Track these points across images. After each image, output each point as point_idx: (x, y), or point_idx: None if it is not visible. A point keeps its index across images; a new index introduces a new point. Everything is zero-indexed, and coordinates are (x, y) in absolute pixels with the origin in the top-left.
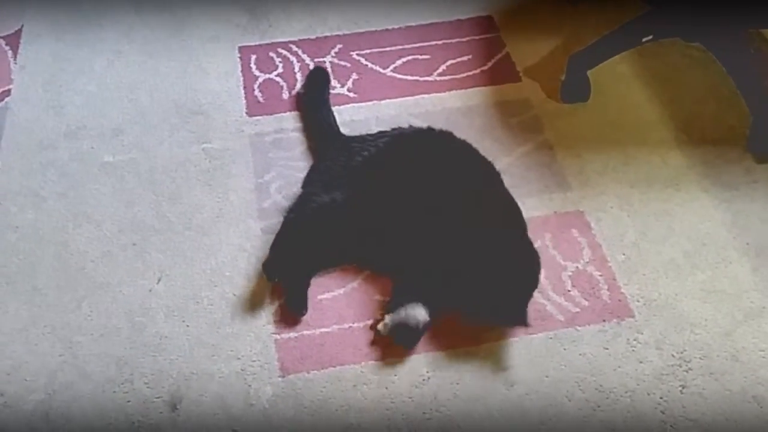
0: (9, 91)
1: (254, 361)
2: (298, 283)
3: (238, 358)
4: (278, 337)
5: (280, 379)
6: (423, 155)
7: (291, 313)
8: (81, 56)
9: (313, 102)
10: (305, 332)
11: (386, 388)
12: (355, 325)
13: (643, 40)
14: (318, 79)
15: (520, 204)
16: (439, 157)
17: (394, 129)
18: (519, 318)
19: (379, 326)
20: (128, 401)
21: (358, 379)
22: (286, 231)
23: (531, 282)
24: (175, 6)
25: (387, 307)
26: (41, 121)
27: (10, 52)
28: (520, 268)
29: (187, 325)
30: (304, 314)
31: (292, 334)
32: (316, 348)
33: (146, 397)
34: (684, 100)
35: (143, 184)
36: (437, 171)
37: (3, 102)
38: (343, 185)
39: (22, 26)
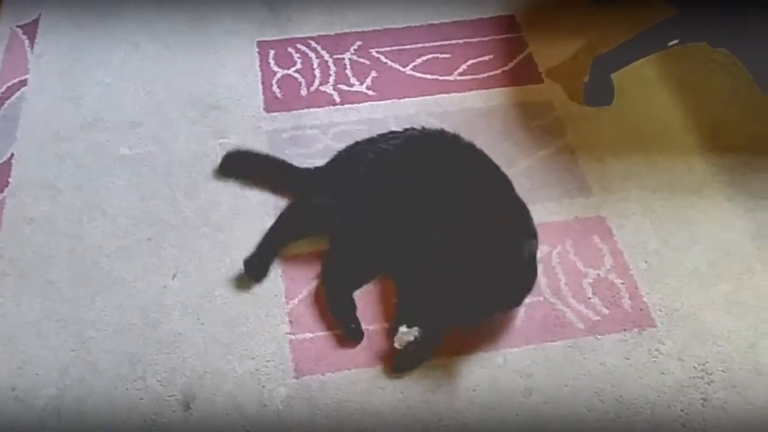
0: (25, 80)
1: (268, 361)
2: (347, 310)
3: (253, 358)
4: (293, 337)
5: (294, 380)
6: (428, 159)
7: (349, 342)
8: (99, 47)
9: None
10: (320, 333)
11: (402, 392)
12: (371, 327)
13: (669, 44)
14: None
15: (540, 208)
16: (443, 162)
17: (405, 129)
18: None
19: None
20: (141, 399)
21: (374, 382)
22: (274, 230)
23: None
24: None
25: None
26: (58, 112)
27: (27, 42)
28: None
29: (202, 323)
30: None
31: (308, 335)
32: (331, 349)
33: (159, 395)
34: (709, 105)
35: (159, 178)
36: (440, 176)
37: (19, 92)
38: (343, 189)
39: (40, 15)
